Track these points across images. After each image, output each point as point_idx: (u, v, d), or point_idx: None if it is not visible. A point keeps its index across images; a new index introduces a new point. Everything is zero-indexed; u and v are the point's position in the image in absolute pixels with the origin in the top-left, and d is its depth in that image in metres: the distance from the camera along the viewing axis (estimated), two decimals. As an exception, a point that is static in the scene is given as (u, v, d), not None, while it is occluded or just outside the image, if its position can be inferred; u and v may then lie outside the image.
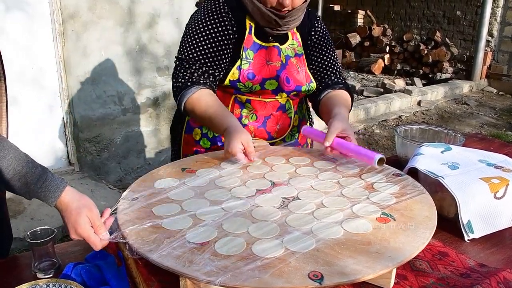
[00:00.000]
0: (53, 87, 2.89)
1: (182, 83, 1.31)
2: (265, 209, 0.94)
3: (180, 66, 1.34)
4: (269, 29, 1.34)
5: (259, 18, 1.31)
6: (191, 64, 1.32)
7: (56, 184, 0.89)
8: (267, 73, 1.35)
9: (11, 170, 0.87)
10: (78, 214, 0.88)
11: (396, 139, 1.50)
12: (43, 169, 0.91)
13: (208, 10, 1.35)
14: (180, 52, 1.36)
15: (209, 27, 1.33)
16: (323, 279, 0.72)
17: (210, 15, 1.34)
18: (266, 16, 1.29)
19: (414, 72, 6.74)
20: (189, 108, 1.30)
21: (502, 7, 6.14)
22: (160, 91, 3.35)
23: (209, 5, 1.36)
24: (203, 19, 1.34)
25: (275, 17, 1.28)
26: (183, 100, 1.29)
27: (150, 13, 3.14)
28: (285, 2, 1.24)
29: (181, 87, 1.31)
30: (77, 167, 3.06)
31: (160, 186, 1.06)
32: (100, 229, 0.89)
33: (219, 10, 1.34)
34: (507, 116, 5.29)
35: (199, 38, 1.33)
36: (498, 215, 1.08)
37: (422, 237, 0.85)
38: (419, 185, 1.06)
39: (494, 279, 0.87)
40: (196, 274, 0.73)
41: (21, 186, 0.89)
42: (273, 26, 1.32)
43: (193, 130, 1.46)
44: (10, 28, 2.64)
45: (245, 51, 1.33)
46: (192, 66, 1.32)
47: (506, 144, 1.75)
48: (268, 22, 1.31)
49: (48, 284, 0.84)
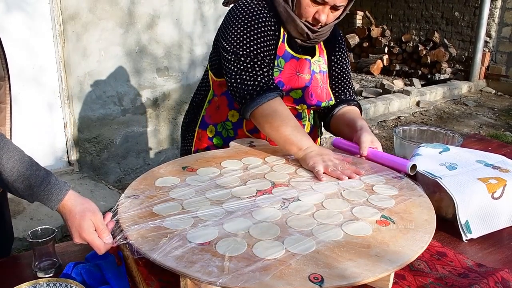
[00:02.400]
0: (53, 87, 2.90)
1: (257, 86, 1.22)
2: (265, 210, 0.95)
3: (244, 64, 1.24)
4: (299, 40, 1.34)
5: (292, 29, 1.31)
6: (256, 62, 1.24)
7: (59, 188, 0.90)
8: (296, 84, 1.35)
9: (15, 172, 0.88)
10: (82, 218, 0.88)
11: (395, 139, 1.50)
12: (46, 173, 0.91)
13: (256, 9, 1.29)
14: (236, 47, 1.26)
15: (262, 28, 1.28)
16: (323, 282, 0.72)
17: (259, 13, 1.28)
18: (299, 29, 1.29)
19: (413, 72, 6.75)
20: (259, 115, 1.22)
21: (500, 8, 6.15)
22: (159, 92, 3.35)
23: (254, 6, 1.30)
24: (254, 17, 1.27)
25: (308, 30, 1.29)
26: (254, 106, 1.21)
27: (150, 14, 3.14)
28: (321, 18, 1.25)
29: (256, 89, 1.22)
30: (76, 167, 3.07)
31: (161, 185, 1.06)
32: (103, 233, 0.89)
33: (265, 13, 1.30)
34: (506, 116, 5.31)
35: (257, 33, 1.26)
36: (496, 215, 1.09)
37: (421, 241, 0.85)
38: (419, 188, 1.07)
39: (492, 279, 0.87)
40: (197, 274, 0.73)
41: (24, 188, 0.89)
42: (304, 38, 1.33)
43: (207, 126, 1.46)
44: (11, 29, 2.64)
45: (277, 59, 1.33)
46: (258, 64, 1.24)
47: (505, 145, 1.76)
48: (300, 34, 1.31)
49: (48, 283, 0.85)
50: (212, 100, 1.44)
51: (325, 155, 1.15)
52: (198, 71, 3.50)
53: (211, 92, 1.44)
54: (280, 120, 1.19)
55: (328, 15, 1.27)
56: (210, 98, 1.45)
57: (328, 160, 1.13)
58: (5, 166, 0.87)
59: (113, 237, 0.88)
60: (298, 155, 1.18)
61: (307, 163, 1.14)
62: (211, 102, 1.45)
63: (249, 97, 1.22)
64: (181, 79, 3.43)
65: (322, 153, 1.15)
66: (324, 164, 1.11)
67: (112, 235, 0.89)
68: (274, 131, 1.20)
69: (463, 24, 6.49)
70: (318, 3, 1.24)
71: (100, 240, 0.88)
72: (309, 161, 1.13)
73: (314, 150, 1.16)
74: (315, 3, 1.24)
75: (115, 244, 0.88)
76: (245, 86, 1.23)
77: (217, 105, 1.44)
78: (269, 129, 1.21)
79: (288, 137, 1.18)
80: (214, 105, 1.44)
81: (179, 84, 3.43)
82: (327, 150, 1.19)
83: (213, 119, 1.46)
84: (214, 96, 1.44)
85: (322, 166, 1.11)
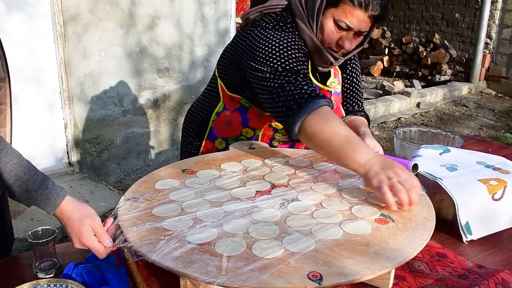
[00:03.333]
0: (54, 87, 2.90)
1: (304, 93, 1.10)
2: (265, 210, 0.95)
3: (286, 77, 1.13)
4: (320, 67, 1.32)
5: (317, 58, 1.29)
6: (298, 74, 1.15)
7: (56, 193, 0.90)
8: None
9: (13, 176, 0.88)
10: (80, 223, 0.89)
11: (395, 141, 1.50)
12: (44, 177, 0.91)
13: (286, 31, 1.23)
14: (272, 62, 1.16)
15: (297, 46, 1.21)
16: (322, 280, 0.72)
17: (293, 38, 1.22)
18: (325, 58, 1.27)
19: (413, 74, 6.75)
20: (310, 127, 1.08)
21: (500, 9, 6.15)
22: (160, 93, 3.35)
23: (282, 30, 1.23)
24: (288, 38, 1.20)
25: (333, 59, 1.27)
26: (302, 117, 1.08)
27: (150, 15, 3.15)
28: (345, 44, 1.23)
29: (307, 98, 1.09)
30: (77, 168, 3.07)
31: (161, 187, 1.06)
32: (103, 237, 0.89)
33: (298, 38, 1.24)
34: (506, 118, 5.31)
35: (294, 51, 1.19)
36: (496, 217, 1.09)
37: (421, 238, 0.85)
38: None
39: (492, 280, 0.87)
40: (196, 274, 0.73)
41: (21, 192, 0.89)
42: (327, 66, 1.32)
43: (216, 139, 1.45)
44: (11, 29, 2.64)
45: None
46: (301, 76, 1.15)
47: (505, 146, 1.76)
48: (324, 62, 1.29)
49: (49, 284, 0.85)
50: (222, 113, 1.41)
51: (389, 168, 0.97)
52: (198, 72, 3.51)
53: (221, 104, 1.41)
54: (331, 131, 1.04)
55: (352, 41, 1.24)
56: (219, 110, 1.42)
57: (394, 175, 0.96)
58: (3, 170, 0.87)
59: (114, 241, 0.89)
60: (359, 173, 1.01)
61: (372, 184, 0.97)
62: (220, 115, 1.42)
63: (296, 106, 1.08)
64: (181, 80, 3.43)
65: (385, 166, 0.98)
66: (390, 182, 0.95)
67: (112, 239, 0.89)
68: (325, 144, 1.04)
69: (464, 26, 6.49)
70: (342, 29, 1.21)
71: (100, 244, 0.88)
72: (373, 180, 0.97)
73: (375, 164, 0.98)
74: (340, 29, 1.22)
75: (115, 247, 0.88)
76: (290, 96, 1.10)
77: (227, 119, 1.41)
78: (320, 142, 1.05)
79: (342, 149, 1.02)
80: (224, 118, 1.42)
81: (179, 85, 3.43)
82: (389, 161, 1.00)
83: (223, 133, 1.44)
84: (225, 110, 1.41)
85: (387, 187, 0.94)
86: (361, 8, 1.17)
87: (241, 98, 1.36)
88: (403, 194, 0.93)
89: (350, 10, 1.18)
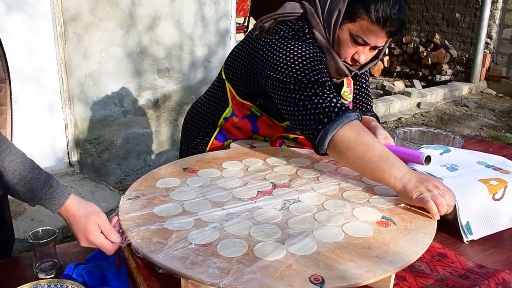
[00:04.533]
0: (54, 88, 2.90)
1: (334, 107, 1.07)
2: (266, 211, 0.95)
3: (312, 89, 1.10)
4: (335, 78, 1.31)
5: (333, 71, 1.26)
6: (325, 86, 1.11)
7: (61, 191, 0.89)
8: None
9: (17, 175, 0.88)
10: (87, 221, 0.88)
11: (396, 141, 1.50)
12: (48, 176, 0.91)
13: (308, 43, 1.20)
14: (296, 73, 1.13)
15: (318, 58, 1.19)
16: (324, 283, 0.72)
17: (313, 48, 1.19)
18: (340, 70, 1.25)
19: (414, 74, 6.75)
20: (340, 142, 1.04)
21: (501, 9, 6.15)
22: (160, 93, 3.35)
23: (304, 41, 1.20)
24: (309, 48, 1.18)
25: (348, 71, 1.26)
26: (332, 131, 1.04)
27: (150, 15, 3.15)
28: (360, 59, 1.22)
29: (336, 112, 1.06)
30: (77, 169, 3.07)
31: (162, 186, 1.06)
32: (110, 233, 0.89)
33: (317, 48, 1.22)
34: (506, 118, 5.30)
35: (316, 60, 1.16)
36: (497, 217, 1.09)
37: (422, 242, 0.85)
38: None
39: (493, 280, 0.87)
40: (200, 276, 0.73)
41: (26, 191, 0.89)
42: (341, 78, 1.31)
43: (226, 140, 1.44)
44: (12, 29, 2.65)
45: None
46: (327, 88, 1.12)
47: (505, 146, 1.76)
48: (339, 74, 1.28)
49: (49, 284, 0.85)
50: (230, 118, 1.40)
51: (426, 181, 0.97)
52: (198, 72, 3.51)
53: (229, 109, 1.39)
54: (364, 144, 1.01)
55: (367, 55, 1.23)
56: (228, 115, 1.40)
57: (433, 188, 0.96)
58: (7, 169, 0.87)
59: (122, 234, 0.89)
60: (395, 187, 0.99)
61: (411, 196, 0.96)
62: (228, 120, 1.41)
63: (327, 120, 1.05)
64: (182, 80, 3.43)
65: (422, 179, 0.98)
66: (431, 194, 0.94)
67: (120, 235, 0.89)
68: (359, 158, 1.02)
69: (464, 26, 6.49)
70: (359, 44, 1.19)
71: (107, 241, 0.88)
72: (413, 193, 0.96)
73: (412, 178, 0.98)
74: (356, 43, 1.19)
75: (124, 243, 0.87)
76: (319, 110, 1.07)
77: (236, 125, 1.40)
78: (353, 156, 1.02)
79: (377, 163, 1.00)
80: (232, 123, 1.41)
81: (180, 85, 3.43)
82: (425, 175, 1.02)
83: (234, 136, 1.43)
84: (234, 116, 1.39)
85: (430, 197, 0.94)
86: (379, 24, 1.14)
87: (252, 106, 1.34)
88: (444, 207, 0.93)
89: (368, 26, 1.15)
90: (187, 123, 1.57)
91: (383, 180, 1.01)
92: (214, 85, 1.47)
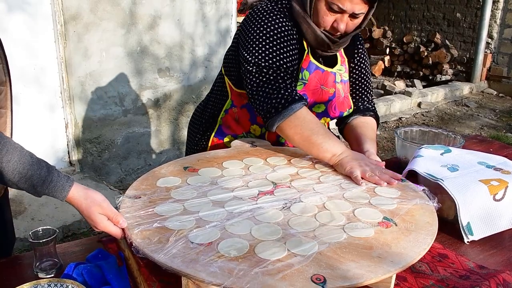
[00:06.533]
0: (55, 87, 2.90)
1: (281, 98, 1.17)
2: (267, 211, 0.95)
3: (266, 75, 1.20)
4: (319, 51, 1.32)
5: (312, 40, 1.28)
6: (279, 73, 1.20)
7: (61, 185, 0.90)
8: (319, 98, 1.33)
9: (16, 174, 0.88)
10: (89, 213, 0.90)
11: (396, 140, 1.50)
12: (48, 170, 0.91)
13: (277, 19, 1.24)
14: (258, 57, 1.22)
15: (285, 38, 1.23)
16: (325, 283, 0.72)
17: (281, 23, 1.24)
18: (320, 39, 1.26)
19: (414, 74, 6.75)
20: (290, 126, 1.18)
21: (501, 9, 6.14)
22: (161, 92, 3.35)
23: (274, 15, 1.25)
24: (277, 25, 1.23)
25: (329, 41, 1.26)
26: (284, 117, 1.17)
27: (151, 15, 3.14)
28: (339, 27, 1.22)
29: (286, 101, 1.17)
30: (77, 168, 3.07)
31: (163, 185, 1.06)
32: (117, 218, 0.90)
33: (287, 22, 1.25)
34: (507, 118, 5.30)
35: (279, 43, 1.22)
36: (498, 217, 1.08)
37: (423, 243, 0.85)
38: (420, 190, 1.07)
39: (494, 280, 0.87)
40: (202, 275, 0.73)
41: (28, 187, 0.90)
42: (324, 49, 1.31)
43: (225, 136, 1.45)
44: (12, 29, 2.65)
45: (301, 72, 1.30)
46: (281, 76, 1.20)
47: (506, 146, 1.76)
48: (321, 44, 1.28)
49: (49, 283, 0.85)
50: (230, 110, 1.41)
51: (360, 159, 1.13)
52: (199, 71, 3.51)
53: (229, 101, 1.41)
54: (309, 129, 1.17)
55: (348, 24, 1.23)
56: (228, 107, 1.42)
57: (365, 164, 1.12)
58: (6, 169, 0.87)
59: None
60: (332, 161, 1.16)
61: (344, 168, 1.12)
62: (228, 112, 1.42)
63: (274, 110, 1.17)
64: (182, 79, 3.43)
65: (357, 157, 1.14)
66: (362, 169, 1.10)
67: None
68: (305, 141, 1.17)
69: (465, 25, 6.48)
70: (335, 11, 1.20)
71: (115, 227, 0.90)
72: (345, 166, 1.12)
73: (348, 155, 1.14)
74: (332, 11, 1.21)
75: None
76: (268, 99, 1.18)
77: (236, 116, 1.41)
78: (300, 139, 1.18)
79: (321, 145, 1.16)
80: (232, 115, 1.42)
81: (180, 84, 3.43)
82: (361, 155, 1.17)
83: (232, 130, 1.44)
84: (233, 107, 1.40)
85: (359, 171, 1.10)
86: None
87: None
88: (374, 177, 1.08)
89: None
90: (191, 121, 1.59)
91: (324, 158, 1.17)
92: (216, 82, 1.49)
